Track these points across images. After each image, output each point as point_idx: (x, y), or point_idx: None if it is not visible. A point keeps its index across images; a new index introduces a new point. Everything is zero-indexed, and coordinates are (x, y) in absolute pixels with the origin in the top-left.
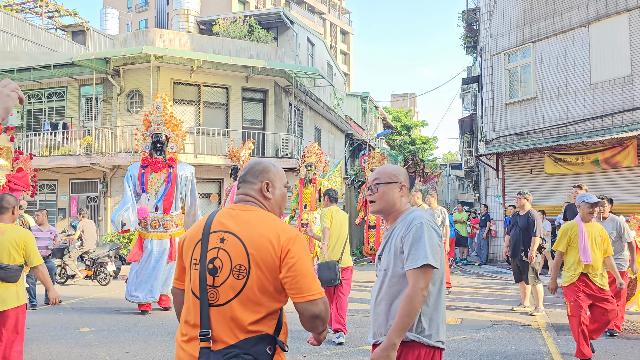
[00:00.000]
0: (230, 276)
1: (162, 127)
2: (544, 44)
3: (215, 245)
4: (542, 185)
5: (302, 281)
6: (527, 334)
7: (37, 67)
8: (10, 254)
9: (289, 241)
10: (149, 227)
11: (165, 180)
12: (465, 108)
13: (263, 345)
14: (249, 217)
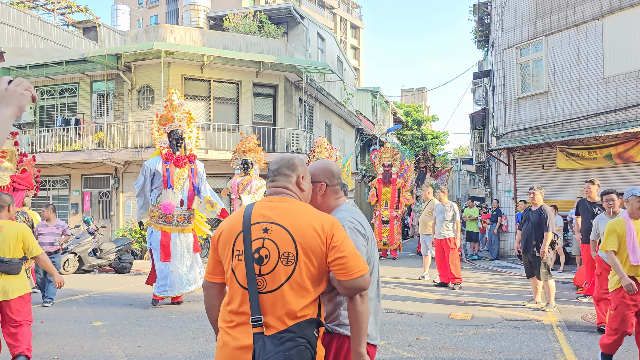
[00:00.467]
0: (279, 263)
1: (183, 124)
2: (557, 38)
3: (258, 236)
4: (554, 180)
5: (350, 262)
6: (539, 330)
7: (49, 64)
8: (11, 248)
9: (332, 227)
10: (175, 221)
11: (189, 176)
12: (477, 102)
13: (311, 328)
14: (289, 208)
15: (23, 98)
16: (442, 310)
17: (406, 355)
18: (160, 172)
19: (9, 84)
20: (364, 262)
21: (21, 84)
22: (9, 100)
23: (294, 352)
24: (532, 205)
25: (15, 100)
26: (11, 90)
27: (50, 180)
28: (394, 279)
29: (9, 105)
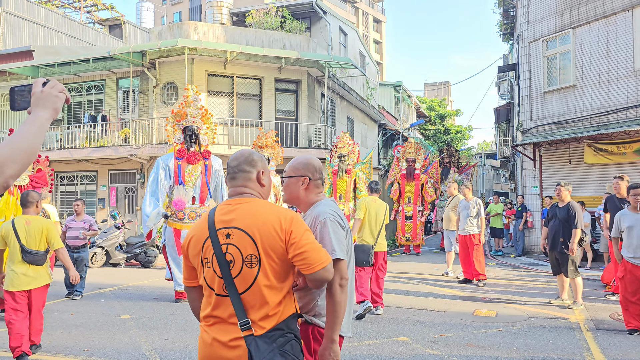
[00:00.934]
0: (244, 267)
1: (198, 120)
2: (585, 30)
3: (223, 241)
4: (581, 175)
5: (311, 255)
6: (565, 328)
7: (76, 61)
8: (37, 241)
9: (290, 223)
10: (186, 218)
11: (202, 172)
12: (501, 96)
13: (295, 322)
14: (249, 209)
15: (58, 100)
16: (466, 307)
17: (430, 352)
18: (171, 168)
19: (44, 87)
20: (326, 253)
21: (55, 86)
22: (45, 102)
23: (287, 348)
24: (559, 201)
25: (50, 103)
26: (46, 92)
27: (78, 175)
28: (417, 275)
29: (45, 108)
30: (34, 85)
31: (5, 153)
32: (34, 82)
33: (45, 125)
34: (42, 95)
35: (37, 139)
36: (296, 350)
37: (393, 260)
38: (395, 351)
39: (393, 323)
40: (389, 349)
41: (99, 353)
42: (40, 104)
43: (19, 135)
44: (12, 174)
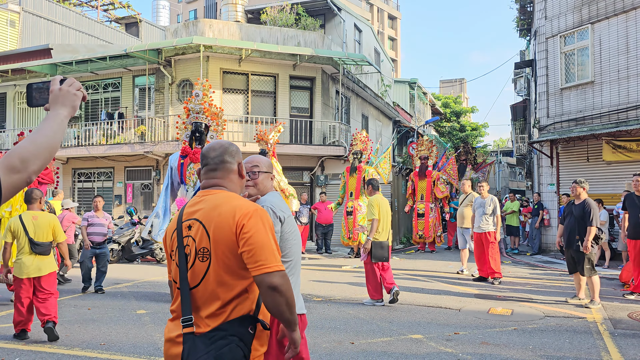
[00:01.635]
0: (196, 260)
1: (201, 116)
2: (603, 25)
3: (186, 233)
4: (599, 173)
5: (258, 253)
6: (582, 328)
7: (93, 59)
8: (44, 234)
9: (244, 216)
10: None
11: None
12: (518, 93)
13: (245, 325)
14: (213, 201)
15: (76, 98)
16: (481, 305)
17: (444, 349)
18: (175, 167)
19: (62, 84)
20: (277, 258)
21: (73, 84)
22: (63, 100)
23: (225, 351)
24: (575, 199)
25: (69, 101)
26: (64, 90)
27: (95, 172)
28: (431, 273)
29: (64, 106)
30: (52, 83)
31: (29, 149)
32: (51, 79)
33: (65, 122)
34: (61, 93)
35: (58, 136)
36: (235, 355)
37: (407, 257)
38: (409, 349)
39: (407, 320)
40: (403, 346)
41: (115, 347)
42: (59, 101)
43: (41, 133)
44: (35, 169)
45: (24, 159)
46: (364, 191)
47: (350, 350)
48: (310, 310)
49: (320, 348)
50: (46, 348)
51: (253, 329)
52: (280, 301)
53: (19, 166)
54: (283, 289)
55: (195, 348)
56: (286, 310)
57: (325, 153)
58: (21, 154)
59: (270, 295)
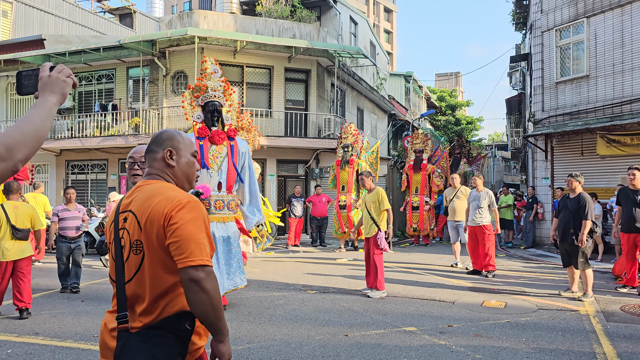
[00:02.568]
0: (131, 253)
1: (219, 95)
2: (599, 19)
3: (121, 225)
4: (593, 167)
5: (184, 246)
6: (575, 320)
7: (87, 50)
8: (24, 222)
9: (174, 208)
10: (212, 208)
11: (228, 154)
12: (513, 87)
13: (182, 322)
14: (148, 191)
15: (66, 85)
16: (474, 298)
17: (438, 342)
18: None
19: (51, 71)
20: (205, 253)
21: (63, 70)
22: (52, 87)
23: (158, 350)
24: (569, 192)
25: (58, 88)
26: (54, 77)
27: (88, 164)
28: (425, 266)
29: (53, 93)
30: (41, 70)
31: (15, 137)
32: (41, 66)
33: (54, 110)
34: (50, 80)
35: (46, 124)
36: (170, 353)
37: (402, 250)
38: (403, 341)
39: (401, 313)
40: (397, 338)
41: None
42: (48, 88)
43: (28, 120)
44: (21, 158)
45: (9, 147)
46: (360, 185)
47: (344, 343)
48: (305, 302)
49: (314, 340)
50: (39, 340)
51: (191, 325)
52: (202, 298)
53: (4, 154)
54: (206, 285)
55: (128, 345)
56: (210, 312)
57: (320, 146)
58: (6, 142)
59: (192, 290)
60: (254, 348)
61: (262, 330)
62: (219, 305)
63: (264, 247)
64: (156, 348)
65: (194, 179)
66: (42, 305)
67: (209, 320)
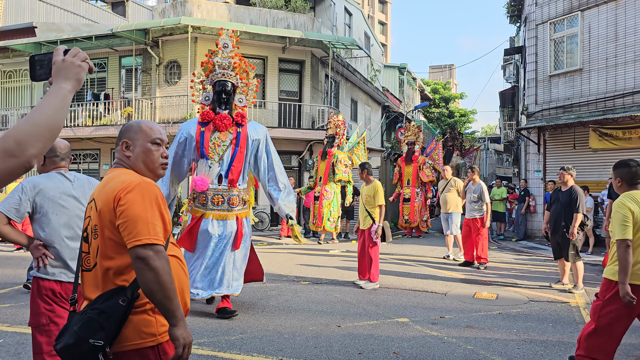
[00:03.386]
0: (92, 240)
1: (229, 73)
2: (593, 13)
3: (88, 214)
4: (585, 160)
5: (132, 226)
6: (565, 312)
7: (79, 39)
8: None
9: (123, 190)
10: (209, 203)
11: (232, 143)
12: (507, 80)
13: (116, 298)
14: (107, 178)
15: (81, 70)
16: (466, 289)
17: (429, 333)
18: (193, 137)
19: (65, 55)
20: (155, 232)
21: (77, 54)
22: (66, 73)
23: (78, 326)
24: (561, 185)
25: (73, 73)
26: (68, 62)
27: (80, 154)
28: (418, 257)
29: (67, 79)
30: (55, 54)
31: (26, 130)
32: (55, 50)
33: (68, 97)
34: (64, 65)
35: (61, 113)
36: (89, 329)
37: (394, 242)
38: (395, 332)
39: (393, 304)
40: (389, 329)
41: None
42: (62, 74)
43: (40, 111)
44: (34, 153)
45: (20, 142)
46: (333, 177)
47: (337, 334)
48: (297, 293)
49: (307, 331)
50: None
51: (126, 301)
52: (148, 276)
53: (14, 149)
54: (153, 263)
55: (69, 326)
56: (157, 290)
57: (313, 137)
58: (17, 136)
59: (139, 268)
60: (246, 338)
61: (255, 320)
62: (167, 285)
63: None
64: (79, 325)
65: (156, 165)
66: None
67: (157, 299)
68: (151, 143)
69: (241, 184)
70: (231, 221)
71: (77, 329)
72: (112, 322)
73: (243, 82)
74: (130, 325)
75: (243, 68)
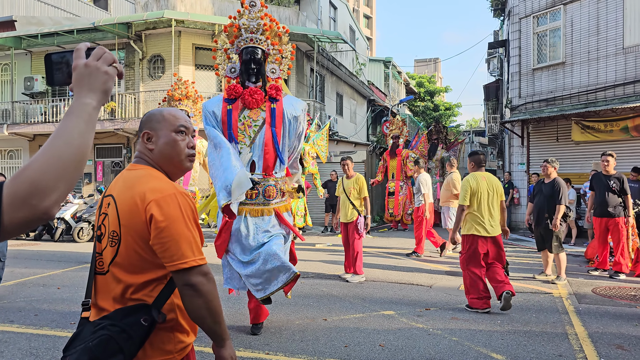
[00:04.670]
0: (108, 244)
1: (258, 37)
2: (576, 6)
3: (104, 210)
4: (568, 153)
5: (174, 247)
6: (548, 303)
7: (60, 32)
8: None
9: (157, 203)
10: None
11: (266, 122)
12: (491, 73)
13: (137, 315)
14: (130, 177)
15: (109, 78)
16: (451, 282)
17: (415, 325)
18: (218, 116)
19: (88, 58)
20: (197, 251)
21: (103, 56)
22: (91, 82)
23: (95, 343)
24: (544, 177)
25: (98, 82)
26: (92, 67)
27: None
28: (404, 250)
29: (91, 91)
30: (75, 55)
31: (48, 168)
32: (75, 50)
33: (94, 116)
34: (87, 72)
35: (87, 139)
36: (105, 348)
37: (380, 235)
38: (381, 324)
39: (379, 297)
40: (375, 322)
41: None
42: (86, 84)
43: (66, 138)
44: (56, 199)
45: (38, 184)
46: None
47: (323, 327)
48: None
49: (294, 325)
50: (14, 328)
51: (148, 321)
52: (198, 303)
53: (30, 196)
54: (203, 288)
55: (80, 334)
56: (207, 316)
57: None
58: (34, 178)
59: (187, 294)
60: (232, 333)
61: (240, 315)
62: (217, 310)
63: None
64: (94, 342)
65: (182, 158)
66: (16, 292)
67: (207, 325)
68: (175, 132)
69: (278, 171)
70: (269, 217)
71: (92, 346)
72: (132, 343)
73: (275, 49)
74: (149, 342)
75: (275, 31)
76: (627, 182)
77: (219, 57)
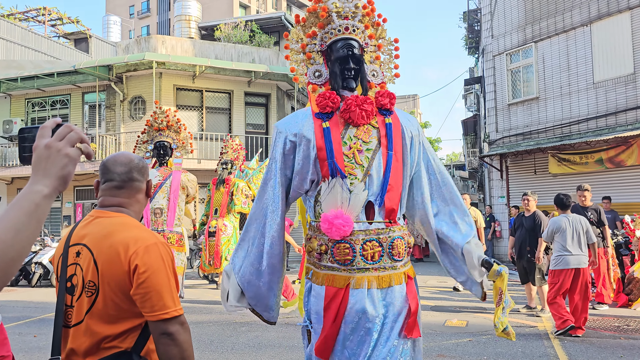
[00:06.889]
0: (83, 294)
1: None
2: (546, 44)
3: (72, 260)
4: (546, 185)
5: (155, 298)
6: (534, 336)
7: (40, 76)
8: None
9: (138, 253)
10: (359, 258)
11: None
12: (468, 109)
13: None
14: (106, 225)
15: (69, 162)
16: (437, 317)
17: None
18: (311, 140)
19: (53, 136)
20: (176, 301)
21: (69, 135)
22: (47, 167)
23: None
24: (525, 211)
25: (56, 167)
26: (53, 148)
27: None
28: None
29: (45, 177)
30: (39, 132)
31: None
32: (42, 126)
33: (44, 206)
34: (46, 154)
35: (27, 232)
36: None
37: None
38: None
39: None
40: None
41: None
42: (41, 168)
43: None
44: None
45: None
46: (232, 209)
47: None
48: (268, 328)
49: None
50: None
51: None
52: (173, 352)
53: None
54: (179, 338)
55: None
56: (177, 355)
57: None
58: None
59: (163, 343)
60: None
61: (224, 359)
62: (189, 357)
63: None
64: None
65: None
66: None
67: None
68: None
69: (400, 217)
70: (400, 287)
71: None
72: None
73: (373, 43)
74: None
75: (374, 19)
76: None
77: (295, 55)
